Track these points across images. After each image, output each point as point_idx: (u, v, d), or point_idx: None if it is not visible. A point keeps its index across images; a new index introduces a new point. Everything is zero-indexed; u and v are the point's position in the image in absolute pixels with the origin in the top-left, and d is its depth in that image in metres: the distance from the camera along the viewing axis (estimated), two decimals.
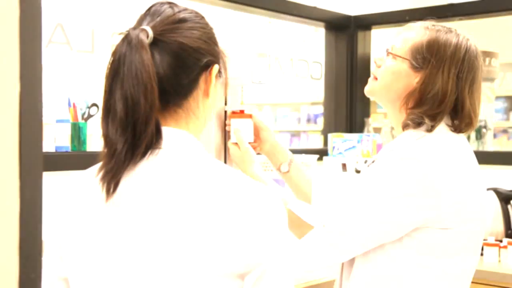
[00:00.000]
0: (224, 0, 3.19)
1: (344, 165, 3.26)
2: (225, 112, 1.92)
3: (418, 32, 1.65)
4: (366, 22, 3.80)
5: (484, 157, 3.42)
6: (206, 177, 1.13)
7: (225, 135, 1.92)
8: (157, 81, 1.12)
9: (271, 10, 3.46)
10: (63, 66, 2.70)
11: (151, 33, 1.14)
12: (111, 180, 1.12)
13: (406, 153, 1.53)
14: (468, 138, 3.84)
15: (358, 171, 2.81)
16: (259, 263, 1.09)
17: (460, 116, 1.62)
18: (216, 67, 1.22)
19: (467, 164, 1.59)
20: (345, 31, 3.83)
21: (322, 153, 3.47)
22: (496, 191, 2.86)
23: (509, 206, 2.85)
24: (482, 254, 2.73)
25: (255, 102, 7.08)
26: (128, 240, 1.13)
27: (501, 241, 2.76)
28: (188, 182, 1.13)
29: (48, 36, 2.48)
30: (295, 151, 3.29)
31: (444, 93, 1.58)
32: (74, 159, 2.35)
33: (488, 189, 2.89)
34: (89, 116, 2.45)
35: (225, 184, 1.13)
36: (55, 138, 2.38)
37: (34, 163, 1.12)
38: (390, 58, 1.67)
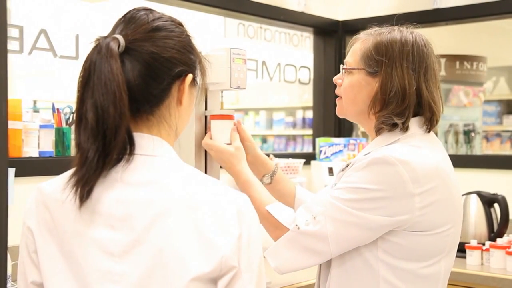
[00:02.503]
0: (214, 7, 3.21)
1: (330, 169, 3.27)
2: (206, 117, 1.93)
3: (363, 41, 1.69)
4: (354, 27, 3.81)
5: (469, 161, 3.44)
6: (179, 183, 1.15)
7: None
8: (128, 90, 1.13)
9: (260, 16, 3.48)
10: (47, 72, 2.71)
11: (122, 42, 1.15)
12: (83, 187, 1.13)
13: (379, 158, 1.55)
14: (456, 141, 3.86)
15: None
16: (232, 267, 1.10)
17: (422, 106, 1.64)
18: (189, 77, 1.22)
19: (440, 166, 1.60)
20: (333, 36, 3.85)
21: (311, 157, 3.48)
22: (479, 194, 2.87)
23: (492, 210, 2.86)
24: (464, 257, 2.74)
25: (251, 106, 7.10)
26: (102, 246, 1.14)
27: (483, 244, 2.76)
28: (161, 188, 1.14)
29: (32, 42, 2.49)
30: (283, 156, 3.32)
31: (403, 88, 1.61)
32: (58, 164, 2.36)
33: (471, 193, 2.90)
34: (73, 121, 2.46)
35: (198, 190, 1.14)
36: (39, 143, 2.40)
37: None
38: (347, 75, 1.71)
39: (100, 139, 1.11)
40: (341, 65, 1.74)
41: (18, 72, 3.15)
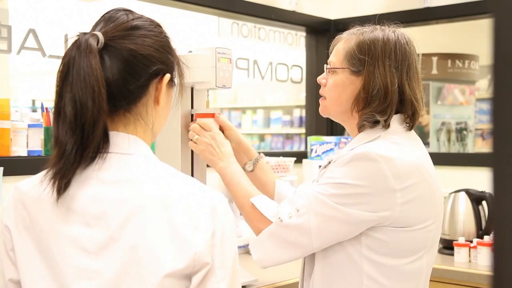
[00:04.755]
0: (206, 6, 3.22)
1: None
2: (192, 115, 1.95)
3: (346, 40, 1.72)
4: (346, 26, 3.81)
5: (458, 159, 3.45)
6: (154, 181, 1.16)
7: None
8: (106, 86, 1.15)
9: (251, 15, 3.49)
10: (35, 71, 2.71)
11: (101, 38, 1.17)
12: (61, 179, 1.14)
13: (362, 153, 1.57)
14: (449, 139, 3.87)
15: None
16: (205, 263, 1.12)
17: (404, 104, 1.67)
18: (167, 76, 1.24)
19: (420, 163, 1.62)
20: (325, 35, 3.86)
21: (302, 156, 3.49)
22: (468, 192, 2.88)
23: (480, 207, 2.87)
24: (452, 255, 2.75)
25: (248, 105, 7.11)
26: (78, 244, 1.15)
27: (471, 241, 2.77)
28: (136, 186, 1.16)
29: (21, 41, 2.50)
30: (274, 154, 3.33)
31: (385, 86, 1.64)
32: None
33: (459, 190, 2.91)
34: None
35: (172, 187, 1.16)
36: (27, 142, 2.41)
37: None
38: (331, 74, 1.73)
39: (78, 133, 1.13)
40: (325, 65, 1.76)
41: (7, 71, 3.16)
